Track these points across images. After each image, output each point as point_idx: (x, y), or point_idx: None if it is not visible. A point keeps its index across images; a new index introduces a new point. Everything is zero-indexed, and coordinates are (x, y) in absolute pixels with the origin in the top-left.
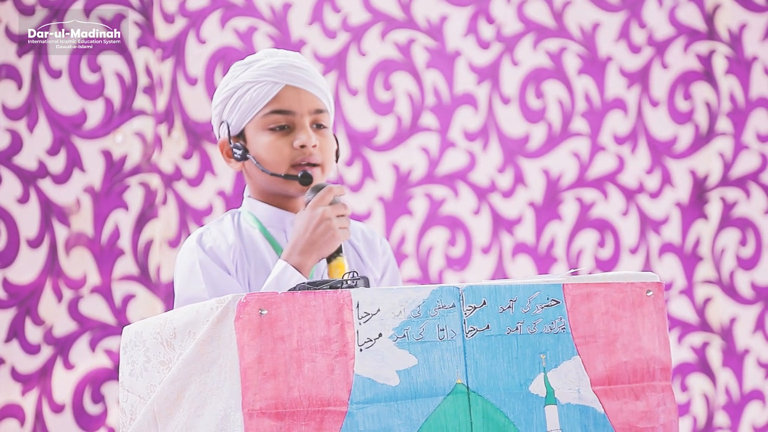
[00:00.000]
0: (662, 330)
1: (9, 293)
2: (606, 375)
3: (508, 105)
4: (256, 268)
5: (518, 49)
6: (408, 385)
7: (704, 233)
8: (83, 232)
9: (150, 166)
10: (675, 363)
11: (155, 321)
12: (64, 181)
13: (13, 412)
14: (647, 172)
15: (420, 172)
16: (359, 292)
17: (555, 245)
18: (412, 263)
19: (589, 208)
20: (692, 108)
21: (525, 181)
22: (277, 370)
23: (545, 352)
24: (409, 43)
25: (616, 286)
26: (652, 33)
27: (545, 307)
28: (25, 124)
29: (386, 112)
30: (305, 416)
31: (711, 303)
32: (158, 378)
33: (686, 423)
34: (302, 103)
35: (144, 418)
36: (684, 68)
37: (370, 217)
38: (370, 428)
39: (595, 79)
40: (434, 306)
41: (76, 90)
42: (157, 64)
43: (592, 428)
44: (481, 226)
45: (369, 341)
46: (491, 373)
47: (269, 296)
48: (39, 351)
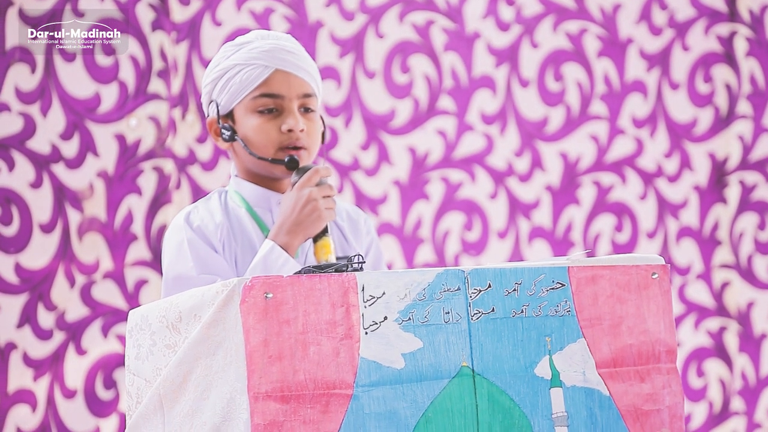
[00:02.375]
0: (667, 312)
1: (21, 278)
2: (611, 357)
3: (526, 88)
4: (242, 247)
5: (538, 31)
6: (413, 368)
7: (723, 217)
8: (96, 217)
9: (164, 151)
10: (692, 348)
11: (161, 305)
12: (78, 166)
13: (25, 398)
14: (666, 155)
15: (437, 155)
16: (364, 276)
17: (572, 229)
18: (427, 248)
19: (607, 191)
20: (712, 90)
21: (542, 164)
22: (282, 353)
23: (550, 335)
24: (428, 24)
25: (622, 268)
26: (674, 14)
27: (550, 290)
28: (38, 108)
29: (403, 95)
30: (311, 399)
31: (729, 288)
32: (164, 361)
33: (702, 408)
34: (291, 88)
35: (150, 401)
36: (705, 50)
37: (385, 201)
38: (375, 411)
39: (614, 61)
40: (439, 289)
41: (90, 73)
42: (172, 47)
43: (597, 410)
44: (498, 210)
45: (374, 324)
46: (496, 355)
47: (275, 280)
48: (51, 336)
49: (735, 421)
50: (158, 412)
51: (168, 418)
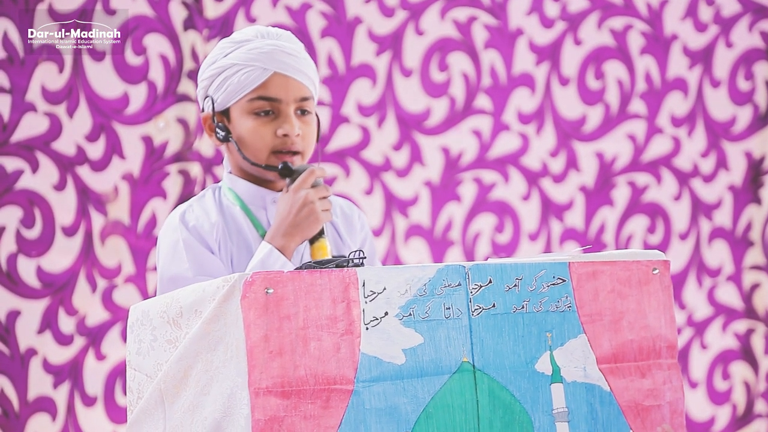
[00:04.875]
0: (668, 308)
1: (43, 282)
2: (612, 353)
3: (566, 86)
4: (238, 247)
5: (582, 27)
6: (414, 363)
7: (756, 218)
8: (120, 221)
9: (191, 154)
10: (718, 350)
11: (162, 300)
12: (103, 168)
13: (45, 406)
14: (702, 155)
15: (470, 156)
16: (365, 271)
17: (605, 231)
18: (457, 250)
19: (642, 192)
20: (753, 88)
21: (578, 165)
22: (283, 348)
23: (551, 331)
24: (470, 21)
25: (622, 264)
26: (719, 10)
27: (551, 286)
28: (65, 109)
29: (440, 94)
30: (311, 394)
31: (758, 289)
32: (165, 357)
33: (726, 411)
34: (289, 92)
35: (151, 396)
36: (748, 46)
37: (416, 202)
38: (376, 406)
39: (657, 58)
40: (440, 285)
41: (118, 73)
42: (204, 45)
43: (598, 406)
44: (531, 211)
45: (375, 320)
46: (497, 351)
47: (275, 275)
48: (72, 342)
49: (758, 423)
50: (159, 407)
51: (169, 413)
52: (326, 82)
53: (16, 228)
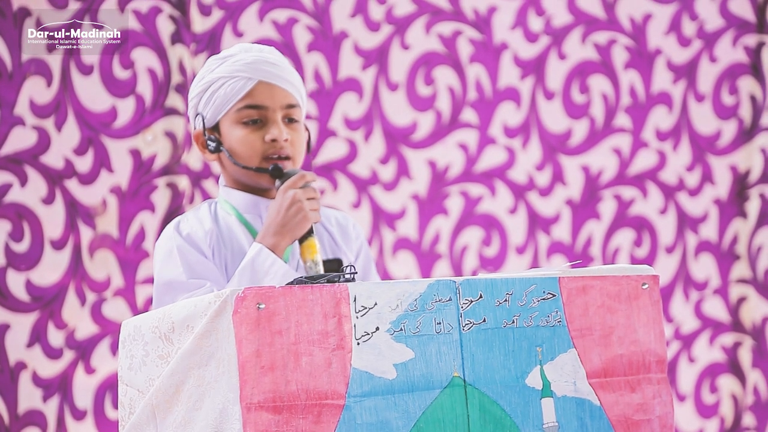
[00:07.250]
0: (658, 323)
1: (32, 296)
2: (602, 367)
3: (551, 100)
4: (233, 252)
5: (566, 42)
6: (405, 378)
7: (742, 231)
8: (108, 234)
9: (179, 167)
10: (706, 364)
11: (154, 315)
12: (91, 182)
13: (35, 419)
14: (688, 168)
15: (457, 169)
16: (356, 286)
17: (591, 244)
18: (444, 264)
19: (628, 205)
20: (737, 102)
21: (564, 178)
22: (274, 363)
23: (541, 345)
24: (455, 35)
25: (612, 279)
26: (703, 25)
27: (541, 300)
28: (53, 122)
29: (426, 108)
30: (303, 410)
31: (745, 303)
32: (157, 372)
33: (713, 424)
34: (275, 99)
35: (143, 411)
36: (732, 61)
37: (404, 216)
38: (367, 421)
39: (641, 73)
40: (431, 300)
41: (106, 87)
42: (191, 59)
43: (588, 420)
44: (517, 225)
45: (366, 335)
46: (488, 366)
47: (267, 290)
48: (61, 355)
49: None
50: (151, 422)
51: (161, 429)
52: (313, 96)
53: (5, 242)
